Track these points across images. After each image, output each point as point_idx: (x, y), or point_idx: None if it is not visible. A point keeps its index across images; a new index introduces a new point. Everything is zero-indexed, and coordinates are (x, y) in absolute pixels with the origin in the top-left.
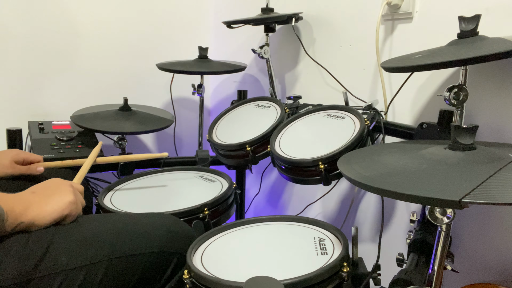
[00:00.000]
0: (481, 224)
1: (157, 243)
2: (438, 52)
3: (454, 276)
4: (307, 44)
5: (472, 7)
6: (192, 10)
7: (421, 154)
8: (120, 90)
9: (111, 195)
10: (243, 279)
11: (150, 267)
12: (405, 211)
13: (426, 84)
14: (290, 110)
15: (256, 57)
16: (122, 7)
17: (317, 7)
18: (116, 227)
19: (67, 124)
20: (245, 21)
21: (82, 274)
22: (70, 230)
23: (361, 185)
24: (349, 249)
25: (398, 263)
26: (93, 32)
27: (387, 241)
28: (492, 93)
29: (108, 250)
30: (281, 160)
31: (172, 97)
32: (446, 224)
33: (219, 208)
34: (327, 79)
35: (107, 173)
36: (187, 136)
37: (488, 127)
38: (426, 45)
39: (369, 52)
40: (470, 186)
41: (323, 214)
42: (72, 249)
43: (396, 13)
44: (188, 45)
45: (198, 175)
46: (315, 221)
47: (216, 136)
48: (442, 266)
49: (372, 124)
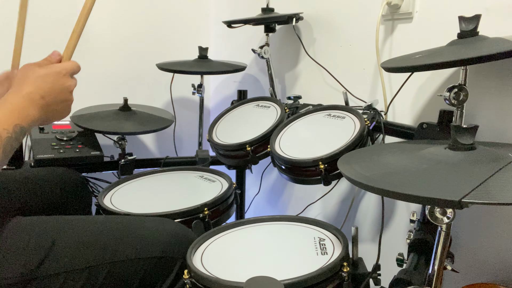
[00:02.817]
0: (481, 224)
1: (159, 248)
2: (438, 52)
3: (454, 276)
4: (307, 44)
5: (472, 7)
6: (192, 10)
7: (421, 154)
8: (120, 90)
9: (111, 195)
10: (243, 279)
11: (152, 272)
12: (405, 211)
13: (426, 84)
14: (290, 110)
15: (256, 57)
16: (122, 7)
17: (318, 7)
18: (119, 230)
19: (67, 124)
20: (245, 21)
21: (84, 276)
22: (73, 231)
23: (361, 185)
24: (349, 249)
25: (398, 263)
26: (93, 32)
27: (387, 241)
28: (492, 93)
29: (110, 253)
30: (281, 160)
31: (172, 97)
32: (446, 224)
33: (219, 208)
34: (327, 79)
35: (107, 173)
36: (187, 136)
37: (488, 127)
38: (426, 45)
39: (369, 52)
40: (470, 186)
41: (323, 214)
42: (75, 251)
43: (396, 13)
44: (188, 45)
45: (198, 175)
46: (315, 221)
47: (216, 136)
48: (442, 266)
49: (372, 124)
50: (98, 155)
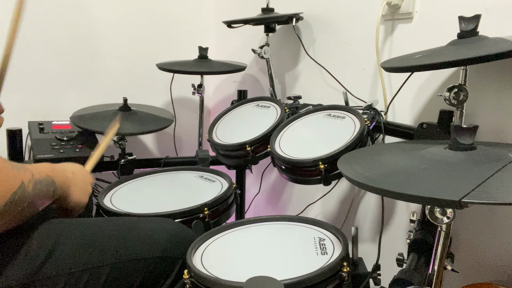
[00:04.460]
0: (481, 224)
1: (160, 248)
2: (438, 52)
3: (454, 276)
4: (307, 44)
5: (472, 7)
6: (192, 10)
7: (421, 154)
8: (120, 90)
9: (111, 195)
10: (243, 279)
11: (153, 272)
12: (405, 211)
13: (426, 84)
14: (290, 110)
15: (256, 57)
16: (122, 7)
17: (318, 7)
18: (120, 231)
19: (67, 124)
20: (245, 21)
21: (86, 277)
22: (74, 232)
23: (361, 185)
24: (349, 249)
25: (398, 263)
26: (92, 32)
27: (387, 241)
28: (492, 93)
29: (111, 254)
30: (281, 160)
31: (172, 97)
32: (446, 224)
33: (219, 208)
34: (327, 79)
35: (107, 173)
36: (187, 136)
37: (488, 127)
38: (426, 45)
39: (369, 52)
40: (470, 186)
41: (323, 214)
42: (76, 252)
43: (396, 13)
44: (188, 45)
45: (198, 175)
46: (315, 221)
47: (216, 136)
48: (442, 266)
49: (372, 124)
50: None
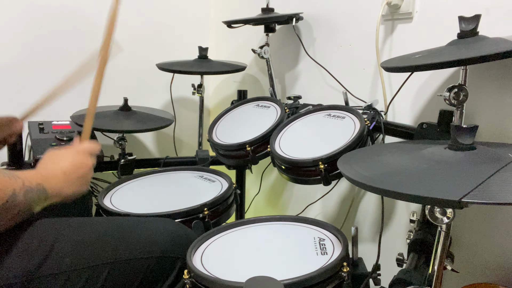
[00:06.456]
0: (481, 224)
1: (160, 248)
2: (438, 52)
3: (454, 276)
4: (307, 44)
5: (472, 7)
6: (192, 10)
7: (421, 154)
8: (120, 90)
9: (111, 195)
10: (243, 279)
11: (153, 271)
12: (405, 211)
13: (426, 84)
14: (290, 110)
15: (256, 57)
16: (122, 7)
17: (317, 7)
18: (119, 230)
19: (67, 124)
20: (245, 21)
21: (85, 276)
22: (74, 231)
23: (361, 185)
24: (349, 249)
25: (398, 263)
26: (93, 32)
27: (387, 241)
28: (492, 93)
29: (111, 254)
30: (281, 160)
31: (172, 97)
32: (446, 224)
33: (219, 208)
34: (327, 79)
35: (107, 173)
36: (187, 136)
37: (488, 127)
38: (426, 45)
39: (369, 52)
40: (470, 186)
41: (323, 214)
42: (76, 251)
43: (396, 13)
44: (188, 45)
45: (198, 175)
46: (315, 221)
47: (216, 136)
48: (442, 266)
49: (372, 124)
50: (98, 155)
